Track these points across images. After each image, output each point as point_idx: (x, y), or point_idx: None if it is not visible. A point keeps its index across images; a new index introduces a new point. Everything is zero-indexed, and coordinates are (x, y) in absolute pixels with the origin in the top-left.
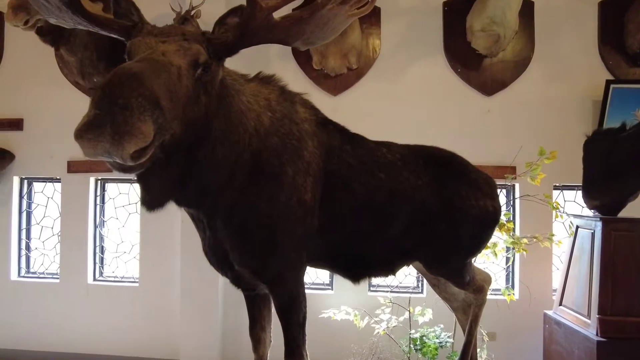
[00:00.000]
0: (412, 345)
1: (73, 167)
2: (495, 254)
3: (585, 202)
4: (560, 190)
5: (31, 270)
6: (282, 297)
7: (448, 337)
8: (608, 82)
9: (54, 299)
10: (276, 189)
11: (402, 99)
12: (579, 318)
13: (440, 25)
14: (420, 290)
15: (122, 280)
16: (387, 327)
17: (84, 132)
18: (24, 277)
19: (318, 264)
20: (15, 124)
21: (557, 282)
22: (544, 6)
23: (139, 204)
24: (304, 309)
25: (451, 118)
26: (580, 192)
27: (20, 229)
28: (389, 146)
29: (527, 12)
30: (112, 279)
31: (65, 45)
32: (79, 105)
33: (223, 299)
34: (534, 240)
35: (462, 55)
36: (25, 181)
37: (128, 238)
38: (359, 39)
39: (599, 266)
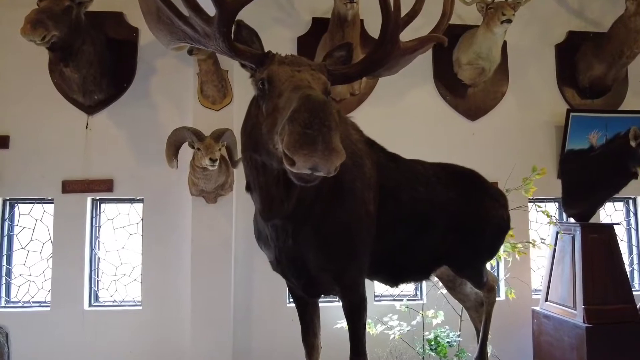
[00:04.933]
0: (426, 346)
1: (68, 186)
2: (500, 257)
3: (564, 211)
4: (533, 203)
5: (12, 299)
6: (354, 301)
7: (457, 336)
8: (569, 111)
9: (44, 328)
10: (352, 202)
11: (398, 122)
12: (566, 310)
13: (431, 57)
14: (419, 297)
15: (123, 304)
16: (401, 331)
17: (299, 148)
18: (5, 307)
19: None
20: (0, 142)
21: (535, 283)
22: (514, 45)
23: (140, 224)
24: (366, 312)
25: (441, 139)
26: (549, 204)
27: (1, 255)
28: (422, 163)
29: (502, 49)
30: (111, 303)
31: (73, 62)
32: (74, 123)
33: (234, 318)
34: (530, 245)
35: (450, 84)
36: (8, 203)
37: (128, 260)
38: None
39: (580, 264)
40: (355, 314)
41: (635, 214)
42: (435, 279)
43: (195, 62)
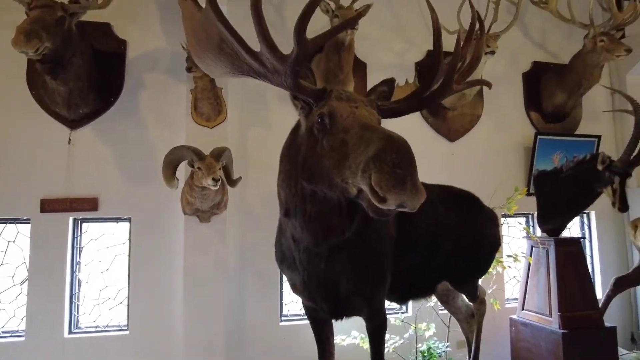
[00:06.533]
0: (419, 358)
1: (48, 205)
2: (488, 272)
3: (539, 227)
4: (505, 218)
5: None
6: (380, 321)
7: (446, 347)
8: (536, 134)
9: None
10: (380, 227)
11: None
12: (542, 317)
13: (413, 80)
14: (405, 310)
15: (107, 329)
16: (394, 344)
17: (391, 187)
18: None
19: None
20: None
21: (507, 293)
22: (488, 72)
23: (126, 244)
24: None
25: (424, 159)
26: (518, 219)
27: None
28: (426, 185)
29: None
30: (94, 329)
31: (62, 74)
32: (55, 137)
33: (227, 340)
34: (511, 259)
35: (431, 108)
36: None
37: (113, 282)
38: (352, 88)
39: (555, 275)
40: (381, 333)
41: (590, 227)
42: None
43: (190, 78)
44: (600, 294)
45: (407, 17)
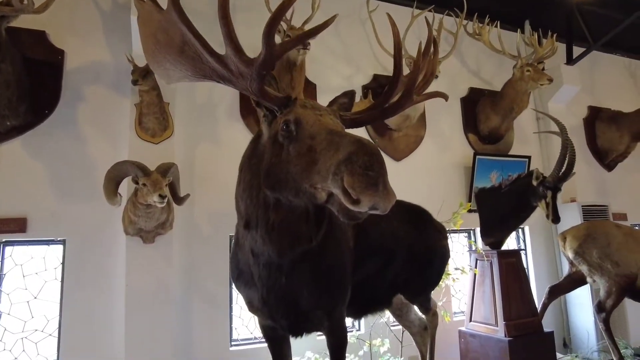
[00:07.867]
0: None
1: None
2: (439, 285)
3: (482, 240)
4: (449, 234)
5: None
6: (340, 336)
7: None
8: (475, 154)
9: None
10: (342, 239)
11: None
12: (489, 327)
13: (367, 97)
14: (358, 328)
15: None
16: None
17: (364, 189)
18: None
19: None
20: None
21: (455, 307)
22: None
23: (59, 269)
24: None
25: None
26: (460, 234)
27: None
28: None
29: None
30: None
31: None
32: None
33: None
34: (459, 271)
35: (378, 129)
36: None
37: (41, 312)
38: None
39: (499, 286)
40: (342, 348)
41: (525, 241)
42: None
43: (134, 92)
44: (536, 302)
45: (355, 44)
